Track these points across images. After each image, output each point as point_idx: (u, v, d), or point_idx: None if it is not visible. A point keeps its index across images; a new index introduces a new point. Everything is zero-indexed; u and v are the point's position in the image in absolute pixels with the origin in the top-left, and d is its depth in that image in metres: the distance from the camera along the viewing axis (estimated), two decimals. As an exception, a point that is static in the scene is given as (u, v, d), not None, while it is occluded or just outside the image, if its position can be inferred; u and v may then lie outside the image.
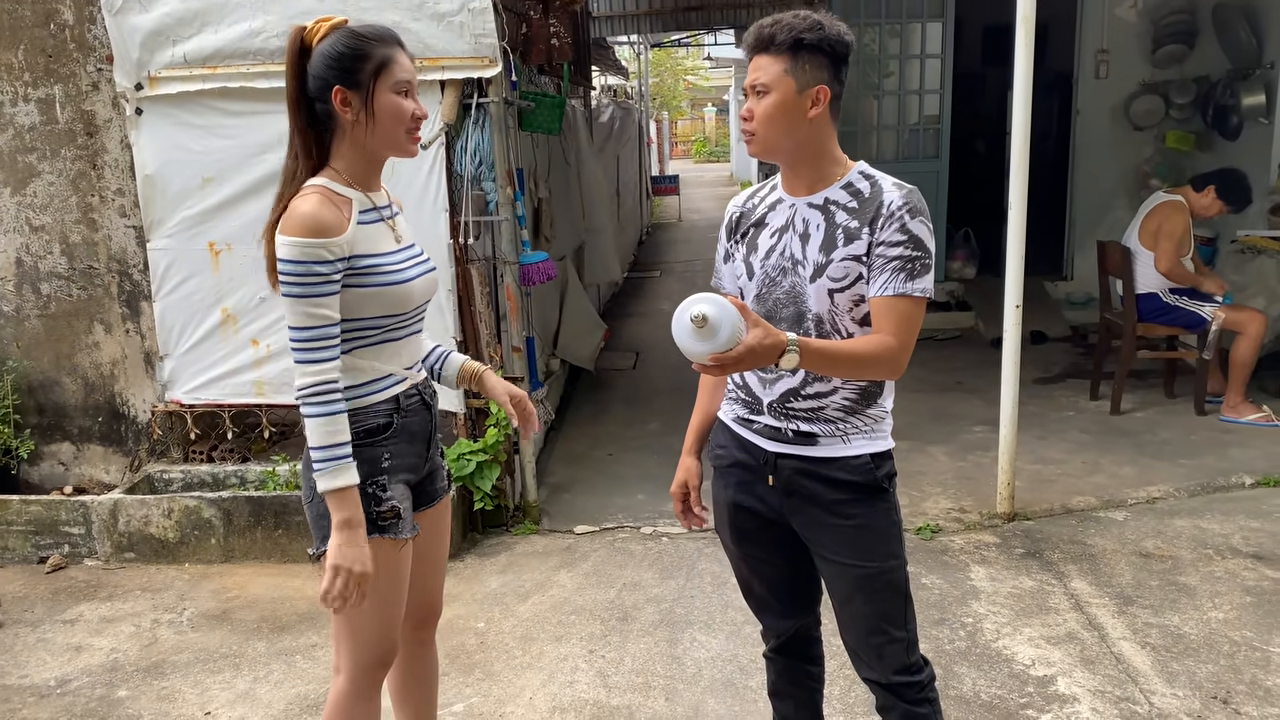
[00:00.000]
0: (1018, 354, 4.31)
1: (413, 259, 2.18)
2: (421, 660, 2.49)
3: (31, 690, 3.37)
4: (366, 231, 2.06)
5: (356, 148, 2.07)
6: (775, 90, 2.03)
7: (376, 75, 2.02)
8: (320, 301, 1.97)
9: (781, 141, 2.08)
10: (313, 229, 1.94)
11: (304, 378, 1.98)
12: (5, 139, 4.48)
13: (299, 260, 1.94)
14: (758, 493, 2.26)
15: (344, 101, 2.02)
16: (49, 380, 4.68)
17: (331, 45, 2.02)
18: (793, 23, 2.02)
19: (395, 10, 4.17)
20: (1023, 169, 4.17)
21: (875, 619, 2.22)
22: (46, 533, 4.31)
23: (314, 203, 1.98)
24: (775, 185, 2.23)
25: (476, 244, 4.42)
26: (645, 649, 3.49)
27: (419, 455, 2.25)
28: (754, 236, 2.21)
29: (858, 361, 2.04)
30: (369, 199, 2.11)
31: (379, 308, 2.07)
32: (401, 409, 2.17)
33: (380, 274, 2.06)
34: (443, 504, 2.39)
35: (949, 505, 4.63)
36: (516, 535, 4.48)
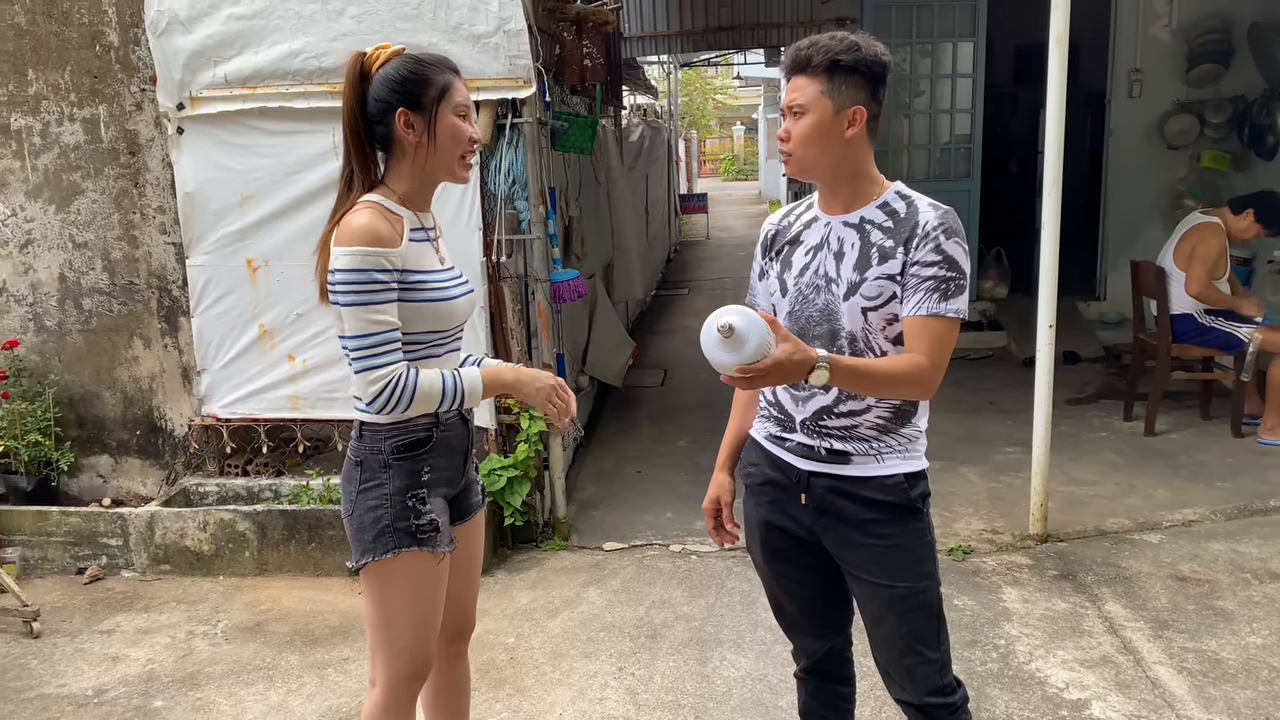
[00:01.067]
0: (1051, 374, 4.29)
1: (454, 279, 2.24)
2: (454, 674, 2.52)
3: (70, 699, 3.42)
4: (416, 249, 2.13)
5: (414, 169, 2.14)
6: (812, 111, 2.05)
7: (439, 99, 2.10)
8: (381, 308, 2.03)
9: (819, 161, 2.10)
10: (371, 239, 2.02)
11: (370, 386, 2.04)
12: (50, 158, 4.58)
13: (360, 269, 2.01)
14: (790, 511, 2.27)
15: (407, 124, 2.09)
16: (89, 394, 4.77)
17: (395, 70, 2.10)
18: (830, 44, 2.04)
19: (432, 32, 4.23)
20: (1056, 188, 4.16)
21: (908, 639, 2.21)
22: (85, 544, 4.37)
23: (369, 216, 2.05)
24: (812, 204, 2.25)
25: (509, 262, 4.46)
26: (675, 667, 3.49)
27: (457, 469, 2.29)
28: (789, 254, 2.23)
29: (889, 381, 2.04)
30: (418, 219, 2.18)
31: (425, 323, 2.14)
32: (441, 423, 2.21)
33: (427, 290, 2.13)
34: (477, 518, 2.43)
35: (981, 526, 4.60)
36: (546, 551, 4.50)
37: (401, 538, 2.15)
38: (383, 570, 2.17)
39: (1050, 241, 4.20)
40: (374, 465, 2.17)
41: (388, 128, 2.10)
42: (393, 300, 2.06)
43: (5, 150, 4.57)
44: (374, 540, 2.15)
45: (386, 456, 2.16)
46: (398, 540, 2.15)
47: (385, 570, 2.16)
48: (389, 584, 2.18)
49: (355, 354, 2.04)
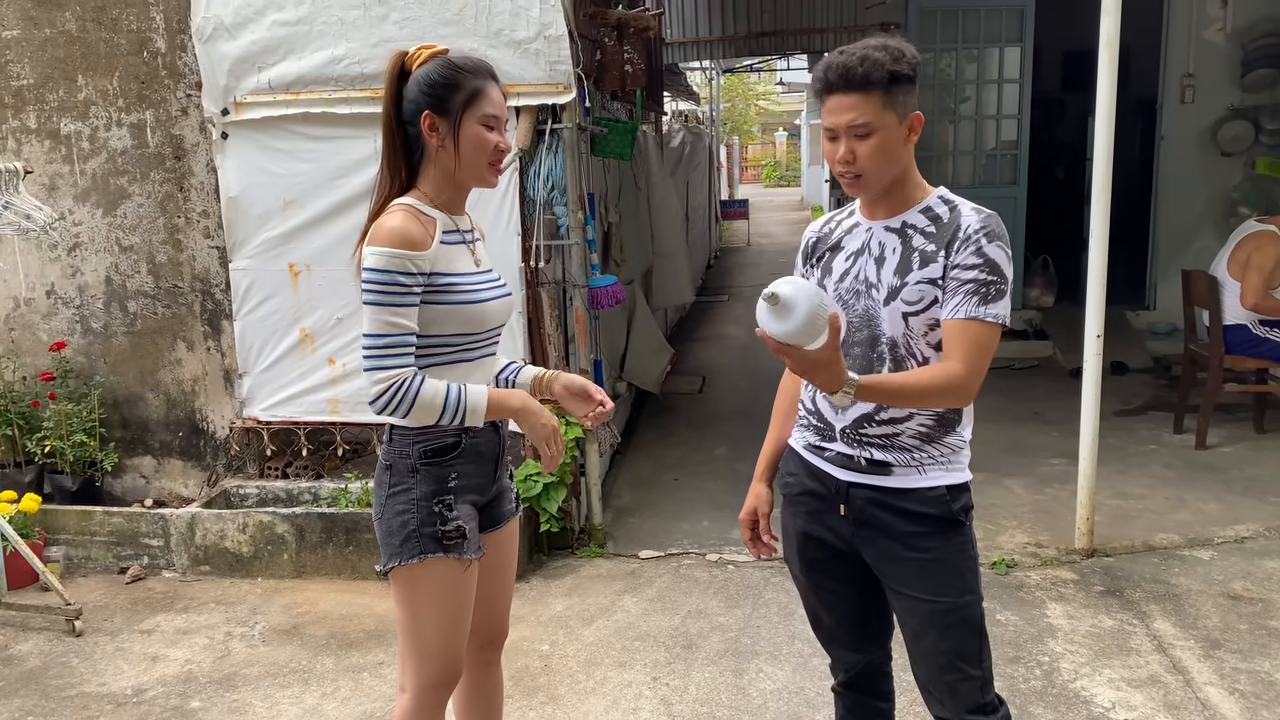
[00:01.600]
0: (1099, 384, 4.20)
1: (489, 282, 2.22)
2: (487, 681, 2.49)
3: (109, 698, 3.45)
4: (448, 251, 2.12)
5: (441, 173, 2.13)
6: (880, 128, 1.98)
7: (466, 105, 2.07)
8: (399, 311, 2.04)
9: (887, 175, 2.06)
10: (400, 241, 2.02)
11: (375, 385, 2.03)
12: (99, 162, 4.65)
13: (384, 269, 2.01)
14: (828, 523, 2.22)
15: (431, 127, 2.08)
16: (133, 395, 4.83)
17: (427, 72, 2.09)
18: (879, 57, 1.97)
19: (473, 38, 4.24)
20: (1104, 194, 4.07)
21: (949, 655, 2.16)
22: (127, 544, 4.42)
23: (400, 218, 2.05)
24: (853, 210, 2.21)
25: (547, 267, 4.45)
26: (710, 678, 3.45)
27: (486, 476, 2.27)
28: (829, 260, 2.19)
29: (922, 394, 2.00)
30: (452, 221, 2.17)
31: (454, 325, 2.12)
32: (469, 430, 2.18)
33: (457, 292, 2.11)
34: (510, 526, 2.40)
35: (1025, 539, 4.51)
36: (581, 558, 4.48)
37: (427, 543, 2.14)
38: (409, 575, 2.16)
39: (1099, 249, 4.11)
40: (402, 470, 2.16)
41: (416, 129, 2.10)
42: (413, 305, 2.06)
43: (55, 155, 4.65)
44: (400, 545, 2.14)
45: (414, 461, 2.15)
46: (423, 546, 2.14)
47: (411, 575, 2.16)
48: (415, 589, 2.17)
49: (367, 352, 2.05)
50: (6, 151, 4.64)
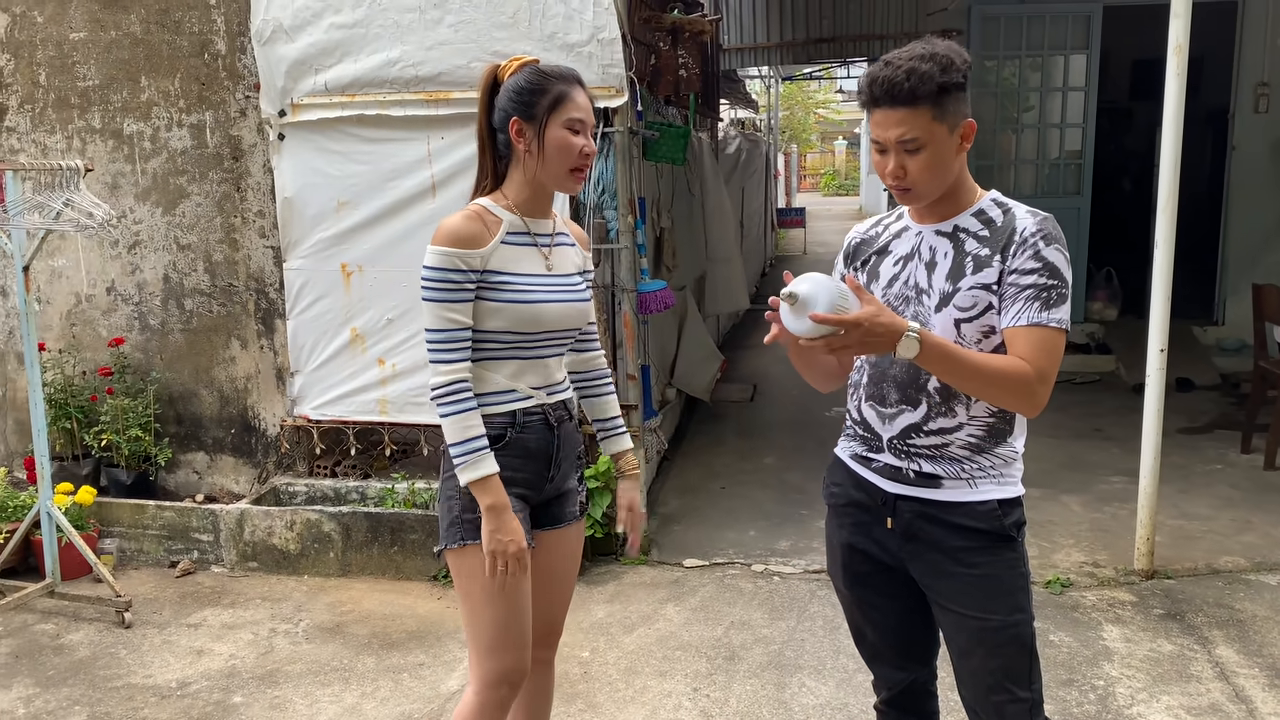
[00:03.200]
0: (1161, 400, 4.06)
1: (559, 286, 2.25)
2: (537, 679, 2.46)
3: (154, 690, 3.49)
4: (509, 251, 2.19)
5: (525, 176, 2.20)
6: (930, 142, 1.91)
7: (551, 110, 2.14)
8: (453, 306, 2.12)
9: (940, 187, 1.99)
10: (452, 239, 2.11)
11: (437, 377, 2.13)
12: (159, 162, 4.73)
13: (437, 267, 2.11)
14: (874, 535, 2.16)
15: (519, 132, 2.16)
16: (188, 392, 4.90)
17: (516, 80, 2.17)
18: (927, 69, 1.89)
19: (527, 41, 4.23)
20: (1171, 204, 3.94)
21: (998, 676, 2.09)
22: (178, 538, 4.48)
23: (461, 218, 2.15)
24: (902, 214, 2.15)
25: (595, 272, 4.42)
26: (751, 691, 3.39)
27: (537, 474, 2.29)
28: (876, 264, 2.13)
29: (987, 376, 1.91)
30: (525, 224, 2.23)
31: (503, 323, 2.17)
32: (518, 424, 2.24)
33: (508, 291, 2.17)
34: (572, 529, 2.41)
35: (1082, 559, 4.37)
36: (625, 565, 4.44)
37: (468, 529, 2.19)
38: (456, 560, 2.23)
39: (1164, 261, 3.98)
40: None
41: (506, 135, 2.18)
42: (467, 300, 2.14)
43: (118, 154, 4.74)
44: (447, 529, 2.23)
45: None
46: (464, 531, 2.20)
47: (457, 561, 2.22)
48: (461, 576, 2.23)
49: (430, 345, 2.15)
50: (71, 150, 4.74)
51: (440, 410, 2.13)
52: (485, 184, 2.26)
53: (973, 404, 2.03)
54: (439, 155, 4.40)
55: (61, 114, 4.73)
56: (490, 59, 4.26)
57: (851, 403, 2.19)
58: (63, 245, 4.79)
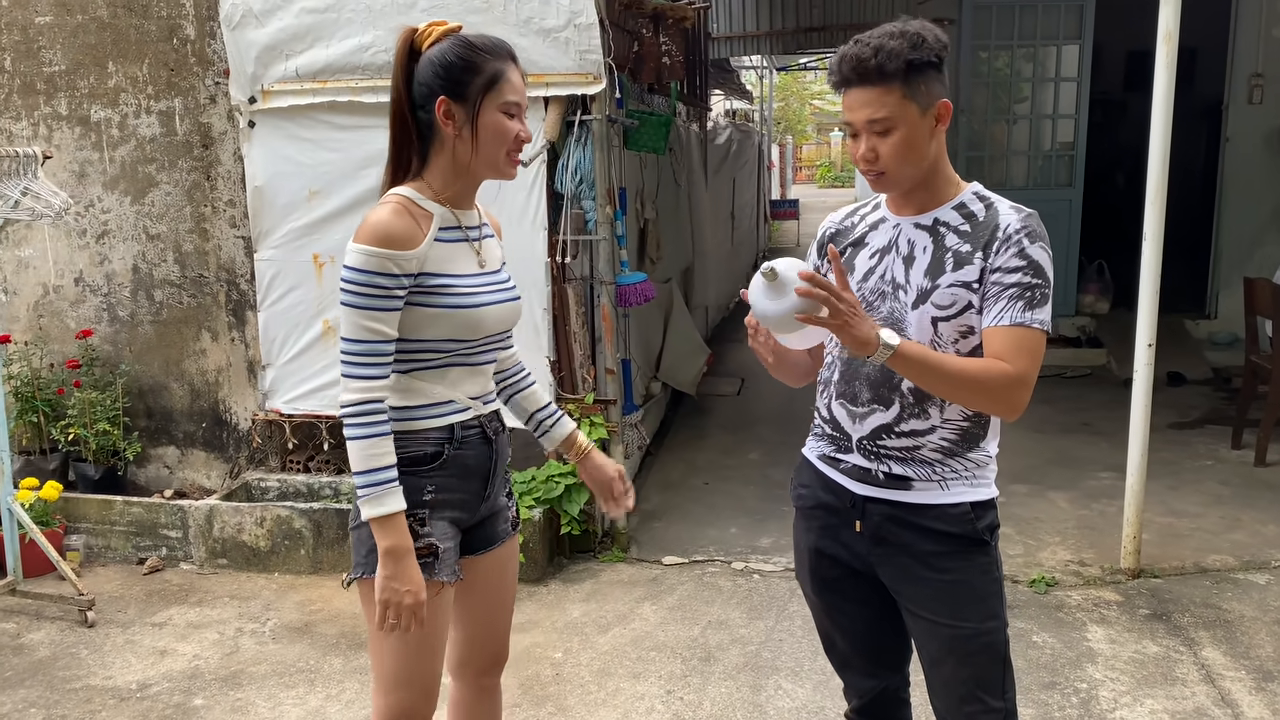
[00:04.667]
0: (1149, 395, 3.98)
1: (494, 285, 2.03)
2: (486, 705, 2.30)
3: (113, 692, 3.40)
4: (443, 250, 1.96)
5: (453, 163, 1.96)
6: (901, 123, 1.84)
7: (486, 91, 1.91)
8: (378, 315, 1.87)
9: (913, 171, 1.91)
10: (381, 239, 1.86)
11: (349, 394, 1.88)
12: (128, 150, 4.62)
13: (362, 269, 1.86)
14: (842, 539, 2.08)
15: (447, 114, 1.91)
16: (158, 385, 4.79)
17: (442, 53, 1.92)
18: (895, 46, 1.82)
19: (502, 25, 4.13)
20: (1160, 198, 3.85)
21: (970, 685, 2.01)
22: (146, 534, 4.39)
23: (388, 212, 1.89)
24: (879, 204, 2.06)
25: (574, 263, 4.34)
26: (726, 694, 3.31)
27: (473, 494, 2.07)
28: (851, 256, 2.04)
29: (963, 381, 1.83)
30: (455, 216, 2.00)
31: (445, 330, 1.95)
32: (455, 439, 2.01)
33: (449, 295, 1.93)
34: (506, 547, 2.21)
35: (1068, 557, 4.30)
36: (603, 562, 4.35)
37: None
38: (372, 591, 1.94)
39: (1152, 255, 3.89)
40: None
41: (429, 114, 1.92)
42: (394, 309, 1.89)
43: (85, 142, 4.63)
44: (366, 557, 1.96)
45: None
46: None
47: (372, 592, 1.94)
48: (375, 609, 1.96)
49: (345, 357, 1.89)
50: (38, 137, 4.63)
51: (349, 432, 1.87)
52: (403, 170, 1.99)
53: (947, 406, 1.95)
54: (413, 143, 4.30)
55: (27, 100, 4.62)
56: (465, 45, 4.18)
57: (821, 400, 2.11)
58: (30, 235, 4.69)
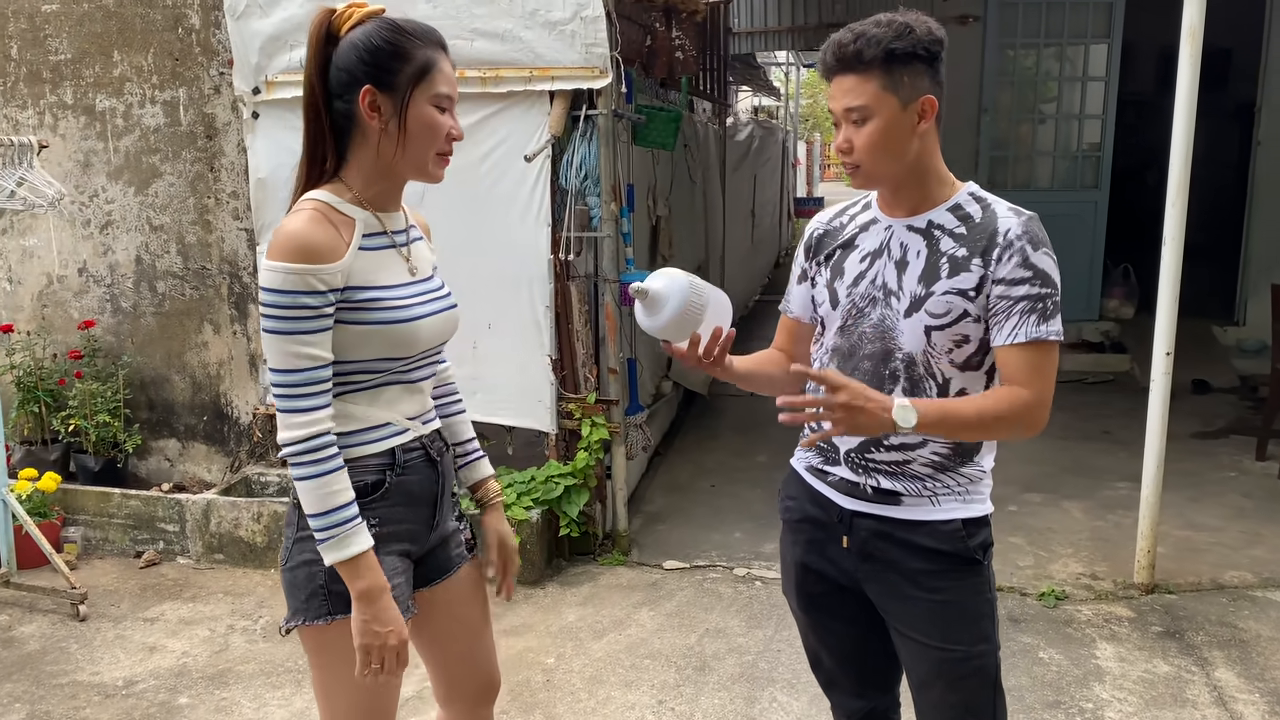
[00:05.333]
0: (1165, 404, 3.87)
1: (427, 294, 1.85)
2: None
3: (99, 689, 3.36)
4: (369, 259, 1.76)
5: (376, 161, 1.77)
6: (878, 113, 1.76)
7: (416, 81, 1.72)
8: (308, 340, 1.67)
9: (892, 168, 1.81)
10: (301, 253, 1.65)
11: (290, 430, 1.68)
12: (132, 140, 4.59)
13: (284, 290, 1.65)
14: (829, 554, 2.00)
15: (372, 105, 1.72)
16: (160, 377, 4.77)
17: (367, 36, 1.72)
18: (878, 33, 1.74)
19: (508, 18, 4.06)
20: (1181, 200, 3.73)
21: (958, 710, 1.93)
22: (144, 528, 4.36)
23: (304, 220, 1.69)
24: (869, 203, 1.97)
25: (578, 260, 4.26)
26: (719, 705, 3.22)
27: (422, 522, 1.90)
28: (840, 259, 1.95)
29: (987, 422, 1.77)
30: (380, 220, 1.80)
31: (377, 349, 1.76)
32: (398, 465, 1.83)
33: (379, 309, 1.75)
34: (464, 573, 2.02)
35: (1080, 570, 4.18)
36: (603, 565, 4.28)
37: (336, 602, 1.76)
38: (316, 638, 1.80)
39: (1172, 259, 3.78)
40: None
41: (350, 105, 1.72)
42: (325, 330, 1.69)
43: (90, 131, 4.61)
44: (305, 601, 1.79)
45: None
46: (332, 605, 1.76)
47: (319, 638, 1.80)
48: (323, 654, 1.82)
49: (278, 391, 1.69)
50: (43, 126, 4.61)
51: (296, 473, 1.68)
52: (319, 169, 1.77)
53: None
54: (417, 137, 4.23)
55: (33, 89, 4.60)
56: (469, 37, 4.10)
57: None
58: (35, 224, 4.67)
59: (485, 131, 4.16)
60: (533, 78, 4.07)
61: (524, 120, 4.13)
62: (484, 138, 4.16)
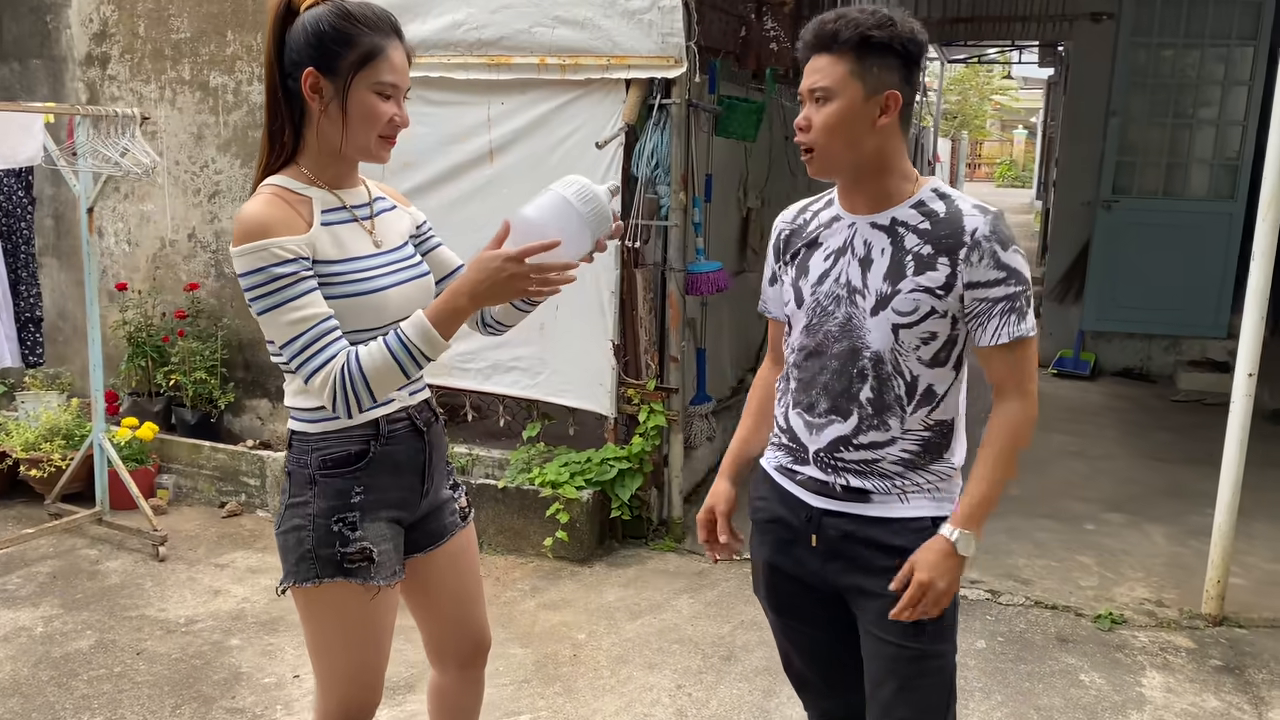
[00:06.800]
0: (1245, 428, 3.66)
1: (393, 264, 1.89)
2: (468, 698, 2.25)
3: (162, 624, 3.62)
4: (331, 234, 1.81)
5: (324, 143, 1.81)
6: (839, 96, 1.76)
7: (358, 67, 1.75)
8: (298, 304, 1.72)
9: (845, 155, 1.81)
10: (257, 231, 1.71)
11: (322, 389, 1.73)
12: (240, 115, 4.88)
13: (253, 269, 1.71)
14: (796, 554, 2.00)
15: (314, 88, 1.75)
16: (255, 340, 5.05)
17: (316, 19, 1.75)
18: (859, 18, 1.75)
19: (589, 6, 4.13)
20: (1273, 209, 3.51)
21: (910, 709, 1.90)
22: (229, 480, 4.65)
23: (259, 204, 1.75)
24: (831, 199, 1.96)
25: (646, 248, 4.31)
26: (736, 695, 3.24)
27: (410, 490, 1.97)
28: (805, 258, 1.95)
29: (1009, 460, 1.84)
30: (337, 197, 1.85)
31: (348, 320, 1.79)
32: (382, 435, 1.89)
33: (343, 282, 1.79)
34: (458, 539, 2.11)
35: (1145, 595, 3.99)
36: (653, 550, 4.33)
37: (325, 566, 1.86)
38: (305, 598, 1.90)
39: (1261, 274, 3.56)
40: (300, 480, 1.88)
41: (296, 85, 1.77)
42: (310, 290, 1.73)
43: (204, 106, 4.91)
44: (296, 564, 1.88)
45: (313, 471, 1.87)
46: (320, 569, 1.86)
47: (307, 599, 1.90)
48: (313, 614, 1.92)
49: (292, 362, 1.74)
50: (164, 100, 4.94)
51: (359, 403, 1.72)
52: (278, 149, 1.83)
53: (907, 416, 1.86)
54: (498, 121, 4.35)
55: (156, 65, 4.94)
56: (551, 24, 4.20)
57: (779, 409, 2.03)
58: (151, 191, 5.02)
59: (562, 118, 4.24)
60: (610, 65, 4.14)
61: (600, 108, 4.20)
62: (561, 124, 4.25)
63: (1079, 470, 5.45)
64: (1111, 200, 7.55)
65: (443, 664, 2.22)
